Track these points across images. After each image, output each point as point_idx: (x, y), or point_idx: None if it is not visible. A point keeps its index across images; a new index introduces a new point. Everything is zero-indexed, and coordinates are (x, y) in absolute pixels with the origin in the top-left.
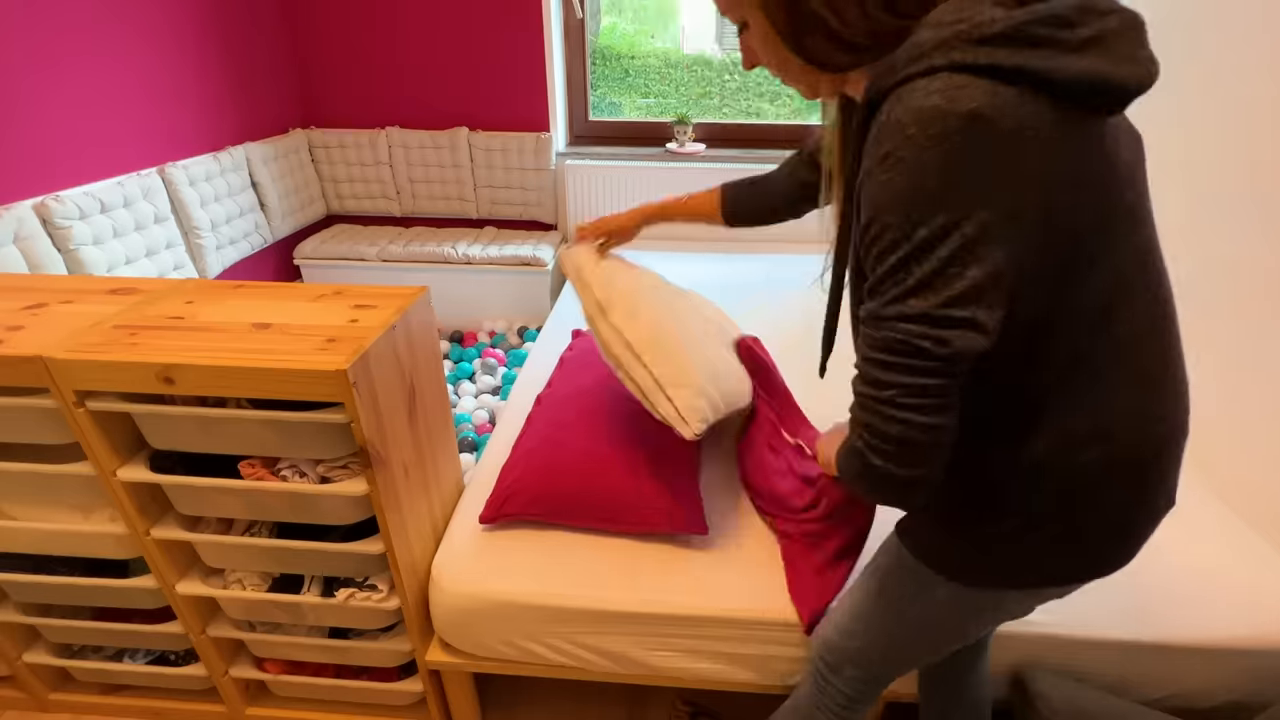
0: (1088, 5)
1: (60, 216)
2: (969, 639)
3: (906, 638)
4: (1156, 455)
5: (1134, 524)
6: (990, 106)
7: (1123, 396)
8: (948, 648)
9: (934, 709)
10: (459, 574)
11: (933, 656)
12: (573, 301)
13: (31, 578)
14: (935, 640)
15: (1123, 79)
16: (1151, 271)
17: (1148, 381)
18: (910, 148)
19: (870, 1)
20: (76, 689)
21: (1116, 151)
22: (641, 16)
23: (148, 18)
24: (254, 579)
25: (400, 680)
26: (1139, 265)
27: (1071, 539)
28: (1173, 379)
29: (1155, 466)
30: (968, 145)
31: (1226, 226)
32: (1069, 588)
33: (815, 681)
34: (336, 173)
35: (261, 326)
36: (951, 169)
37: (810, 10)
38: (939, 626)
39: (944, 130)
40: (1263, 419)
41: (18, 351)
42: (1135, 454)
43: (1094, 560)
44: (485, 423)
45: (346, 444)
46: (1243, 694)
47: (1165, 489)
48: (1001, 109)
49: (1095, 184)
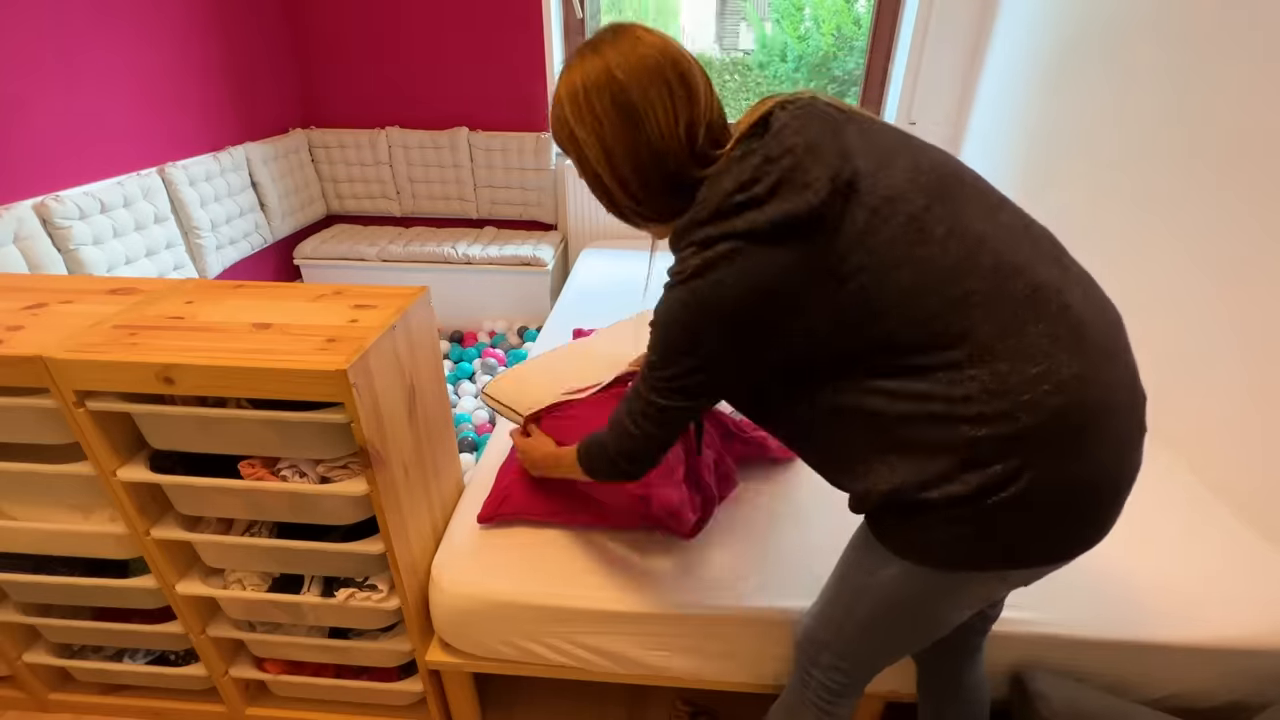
0: (766, 158)
1: (60, 216)
2: (941, 626)
3: (874, 621)
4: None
5: (1078, 496)
6: (710, 261)
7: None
8: (921, 635)
9: (930, 708)
10: (459, 574)
11: (907, 645)
12: (573, 301)
13: (31, 578)
14: (903, 626)
15: (793, 212)
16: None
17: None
18: (664, 301)
19: (649, 194)
20: (76, 689)
21: (854, 224)
22: (641, 17)
23: (148, 18)
24: (254, 579)
25: (400, 680)
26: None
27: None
28: (1097, 340)
29: (1086, 431)
30: (699, 289)
31: (1227, 227)
32: (1027, 570)
33: (799, 674)
34: (336, 173)
35: (261, 326)
36: (687, 309)
37: (602, 183)
38: (902, 609)
39: (677, 283)
40: (1263, 419)
41: (18, 351)
42: (1064, 419)
43: (1045, 543)
44: (485, 423)
45: (346, 444)
46: (1243, 694)
47: (1111, 456)
48: (721, 259)
49: (855, 270)
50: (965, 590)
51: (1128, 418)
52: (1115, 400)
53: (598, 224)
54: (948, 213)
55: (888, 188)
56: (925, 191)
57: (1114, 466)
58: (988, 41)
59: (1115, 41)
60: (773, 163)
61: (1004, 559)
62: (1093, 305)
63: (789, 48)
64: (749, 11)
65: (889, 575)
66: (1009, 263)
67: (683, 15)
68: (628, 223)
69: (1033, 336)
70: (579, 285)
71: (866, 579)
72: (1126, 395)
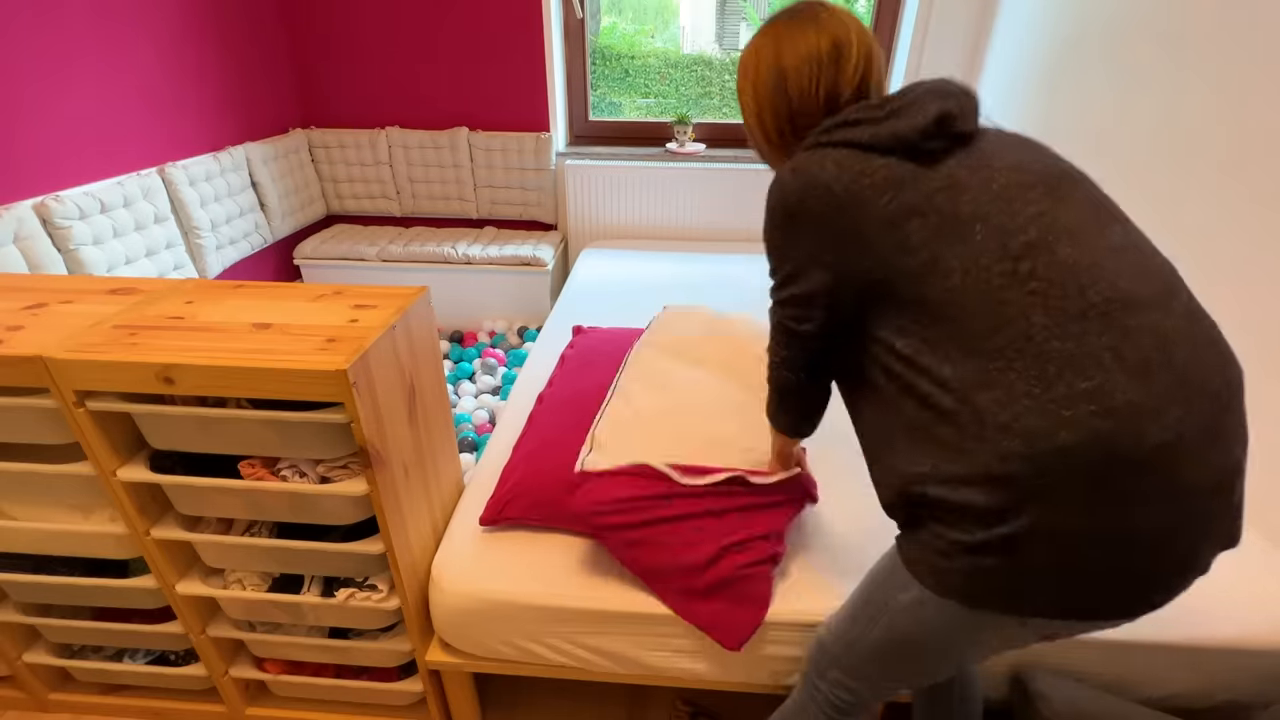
0: (894, 96)
1: (60, 216)
2: (953, 662)
3: (885, 644)
4: (1147, 460)
5: (1118, 548)
6: (810, 161)
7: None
8: (932, 668)
9: (924, 705)
10: (459, 574)
11: (917, 676)
12: (573, 301)
13: (31, 578)
14: (914, 655)
15: (898, 129)
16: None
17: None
18: (767, 198)
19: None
20: (76, 689)
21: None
22: (641, 16)
23: (148, 18)
24: (254, 579)
25: (400, 680)
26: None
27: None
28: (1178, 375)
29: (1146, 474)
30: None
31: (1226, 225)
32: (1053, 624)
33: (808, 684)
34: (336, 173)
35: (261, 326)
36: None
37: (750, 125)
38: (916, 638)
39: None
40: (1263, 419)
41: (18, 351)
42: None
43: (1068, 595)
44: (485, 423)
45: (346, 444)
46: (1243, 694)
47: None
48: (820, 163)
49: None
50: (984, 630)
51: (1209, 491)
52: (1192, 465)
53: (598, 224)
54: (1048, 201)
55: (996, 156)
56: (1036, 175)
57: (1170, 534)
58: (988, 41)
59: (1115, 41)
60: (895, 99)
61: (1017, 605)
62: (1198, 346)
63: None
64: (749, 11)
65: (909, 599)
66: (1093, 264)
67: (683, 15)
68: (767, 161)
69: (1092, 347)
70: (579, 285)
71: (887, 601)
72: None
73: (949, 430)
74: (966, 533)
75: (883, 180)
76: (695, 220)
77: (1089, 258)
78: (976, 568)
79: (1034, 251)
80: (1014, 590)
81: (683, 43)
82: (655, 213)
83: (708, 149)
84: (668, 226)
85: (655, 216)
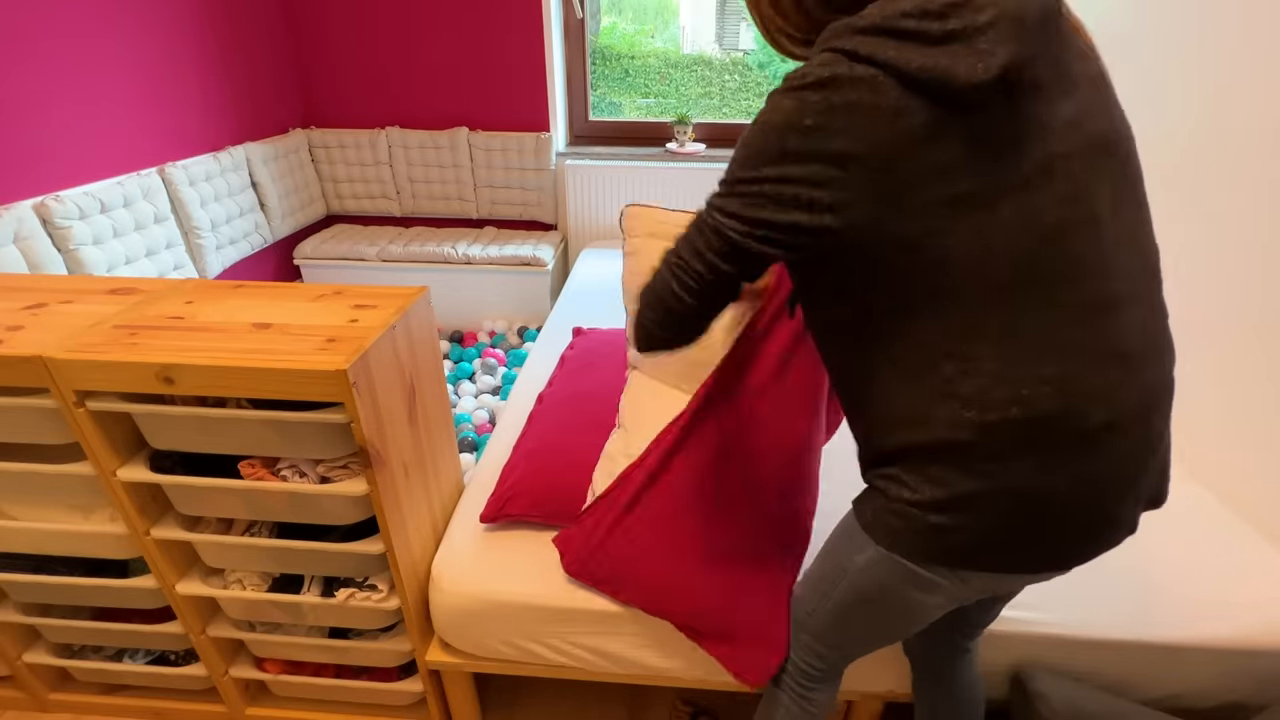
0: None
1: (60, 216)
2: (914, 619)
3: (846, 607)
4: (1086, 438)
5: (1057, 515)
6: (841, 78)
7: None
8: (895, 626)
9: (925, 707)
10: (459, 574)
11: (881, 635)
12: (573, 301)
13: (31, 578)
14: (875, 614)
15: (951, 72)
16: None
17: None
18: (774, 96)
19: (810, 6)
20: (76, 689)
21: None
22: (641, 16)
23: (148, 18)
24: (254, 579)
25: (400, 680)
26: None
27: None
28: (1121, 362)
29: (1086, 451)
30: (812, 102)
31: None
32: (996, 577)
33: None
34: (336, 173)
35: (261, 326)
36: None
37: (766, 14)
38: (873, 597)
39: (797, 86)
40: (1263, 418)
41: (18, 351)
42: (1056, 427)
43: (1012, 552)
44: (485, 423)
45: (346, 444)
46: (1243, 694)
47: (1108, 489)
48: (852, 82)
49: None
50: (936, 587)
51: (1136, 459)
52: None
53: (598, 224)
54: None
55: (1053, 106)
56: (1083, 143)
57: (1101, 498)
58: None
59: (1115, 40)
60: (964, 9)
61: (968, 558)
62: (1149, 340)
63: None
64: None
65: (864, 560)
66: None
67: (683, 15)
68: (776, 48)
69: (1066, 338)
70: (579, 285)
71: (844, 563)
72: (1141, 442)
73: (912, 392)
74: (919, 493)
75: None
76: None
77: (1096, 252)
78: (928, 525)
79: (1049, 240)
80: (962, 546)
81: (683, 43)
82: None
83: (708, 149)
84: None
85: None
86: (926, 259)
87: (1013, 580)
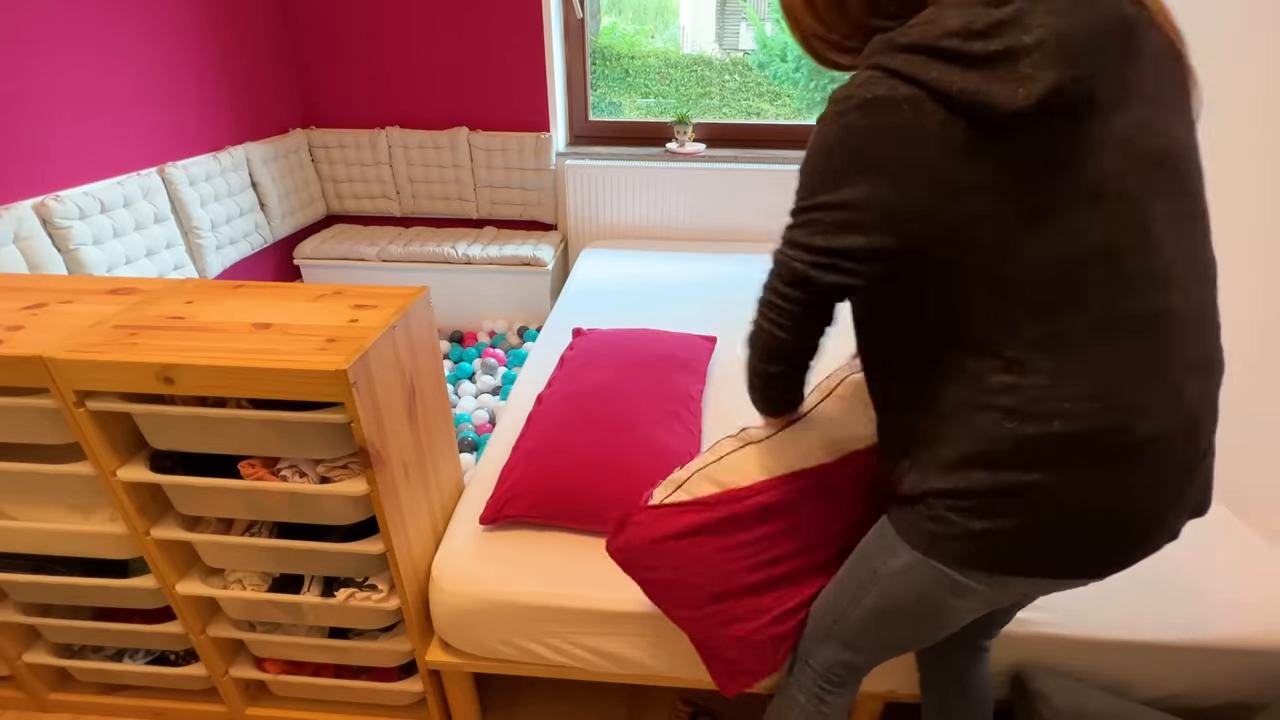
0: (1013, 18)
1: (60, 216)
2: (946, 624)
3: (877, 612)
4: (1129, 451)
5: (1098, 524)
6: (883, 99)
7: (1083, 377)
8: (926, 630)
9: (934, 706)
10: (459, 574)
11: (911, 640)
12: (573, 301)
13: (31, 578)
14: (907, 619)
15: (992, 97)
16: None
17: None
18: (822, 120)
19: (854, 11)
20: (76, 689)
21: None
22: (641, 16)
23: (148, 17)
24: (254, 579)
25: (400, 680)
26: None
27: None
28: (1169, 376)
29: (1129, 463)
30: (858, 125)
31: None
32: (1033, 582)
33: (798, 665)
34: (336, 173)
35: (261, 326)
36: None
37: (807, 27)
38: (907, 602)
39: (843, 110)
40: (1262, 418)
41: (18, 351)
42: (1099, 440)
43: (1052, 558)
44: (485, 423)
45: (346, 444)
46: (1243, 694)
47: (1150, 500)
48: (895, 102)
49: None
50: (972, 592)
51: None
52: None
53: (598, 224)
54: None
55: (1102, 129)
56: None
57: (1144, 510)
58: None
59: None
60: (1011, 28)
61: (1008, 565)
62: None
63: (789, 48)
64: (749, 11)
65: (899, 564)
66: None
67: (683, 15)
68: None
69: (1114, 353)
70: (579, 285)
71: (877, 568)
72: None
73: (953, 403)
74: (958, 500)
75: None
76: (695, 220)
77: (1146, 267)
78: (967, 531)
79: (1099, 257)
80: (1002, 552)
81: (683, 43)
82: (655, 213)
83: (708, 149)
84: (668, 226)
85: (655, 216)
86: (975, 276)
87: (1051, 585)
